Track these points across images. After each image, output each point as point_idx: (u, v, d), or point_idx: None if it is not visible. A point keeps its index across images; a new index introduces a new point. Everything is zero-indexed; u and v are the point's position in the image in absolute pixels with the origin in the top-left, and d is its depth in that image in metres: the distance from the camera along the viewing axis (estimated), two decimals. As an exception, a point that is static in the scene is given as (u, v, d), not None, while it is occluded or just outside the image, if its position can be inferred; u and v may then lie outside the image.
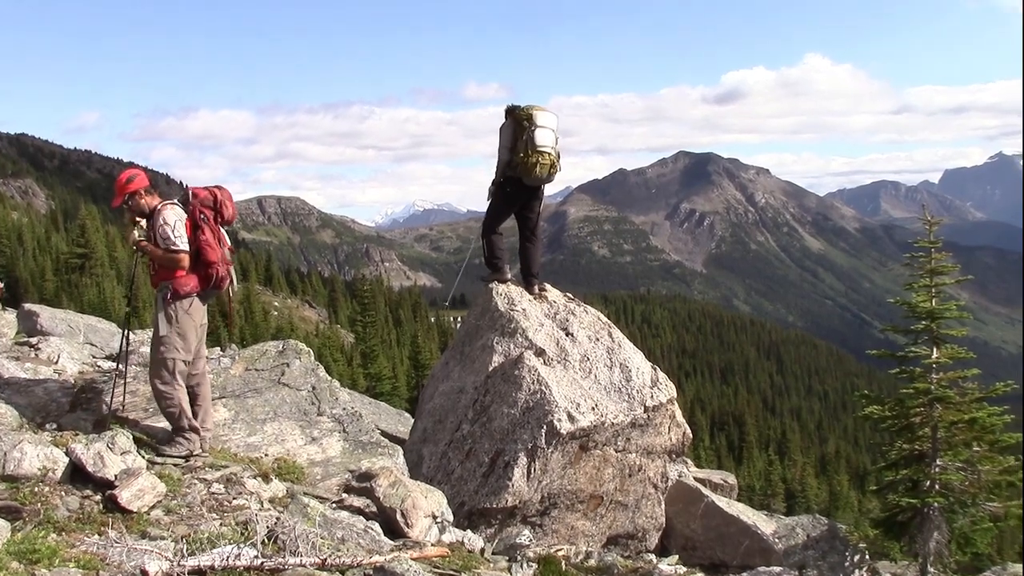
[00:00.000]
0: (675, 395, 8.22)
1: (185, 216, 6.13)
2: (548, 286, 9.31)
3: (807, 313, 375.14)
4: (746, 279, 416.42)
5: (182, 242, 6.03)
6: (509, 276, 8.97)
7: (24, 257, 62.63)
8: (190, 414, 6.04)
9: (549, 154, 8.43)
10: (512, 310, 8.52)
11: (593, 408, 7.58)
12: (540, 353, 8.04)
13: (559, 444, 7.35)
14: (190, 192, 6.28)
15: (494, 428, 7.55)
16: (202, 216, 6.17)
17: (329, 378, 7.39)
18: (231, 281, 6.44)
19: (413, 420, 9.62)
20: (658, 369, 8.40)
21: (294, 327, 62.84)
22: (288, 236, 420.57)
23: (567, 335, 8.44)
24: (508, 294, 8.80)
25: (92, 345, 10.47)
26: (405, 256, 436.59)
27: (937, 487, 9.30)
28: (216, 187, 6.43)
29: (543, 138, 8.41)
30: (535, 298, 8.97)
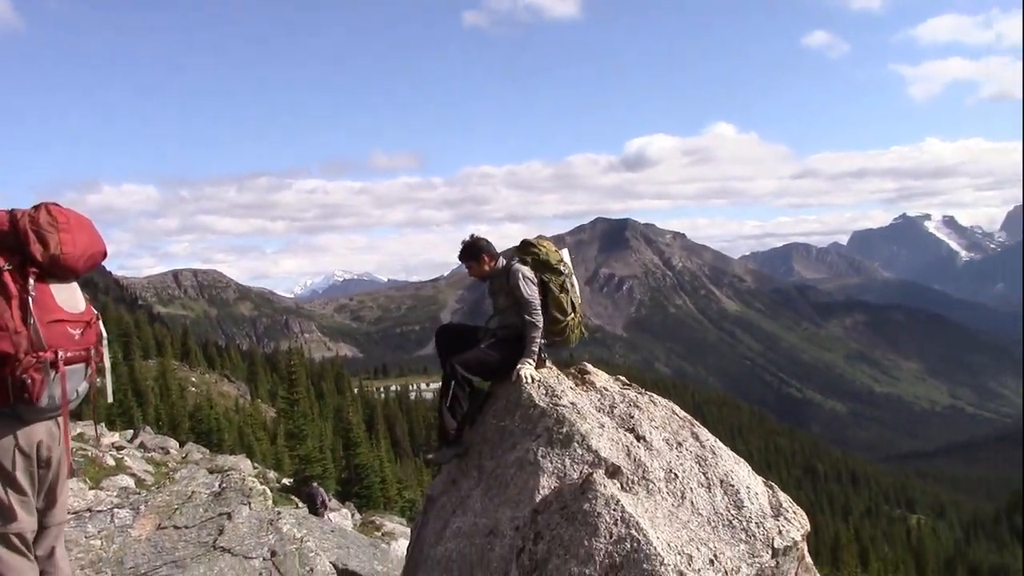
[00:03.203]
0: (808, 527, 5.58)
1: None
2: (587, 364, 6.73)
3: (726, 374, 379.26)
4: (666, 342, 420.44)
5: None
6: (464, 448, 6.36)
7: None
8: None
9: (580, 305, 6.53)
10: (557, 405, 5.85)
11: (712, 560, 4.88)
12: (614, 472, 5.35)
13: (668, 624, 4.64)
14: None
15: (559, 599, 4.79)
16: None
17: (298, 536, 4.55)
18: (93, 384, 3.84)
19: (404, 564, 6.73)
20: (776, 488, 5.77)
21: (213, 403, 58.94)
22: (205, 309, 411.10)
23: (638, 440, 5.78)
24: (545, 381, 6.15)
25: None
26: (325, 327, 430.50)
27: None
28: (39, 207, 3.76)
29: (577, 286, 6.53)
30: (577, 385, 6.35)
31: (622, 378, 6.74)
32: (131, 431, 33.30)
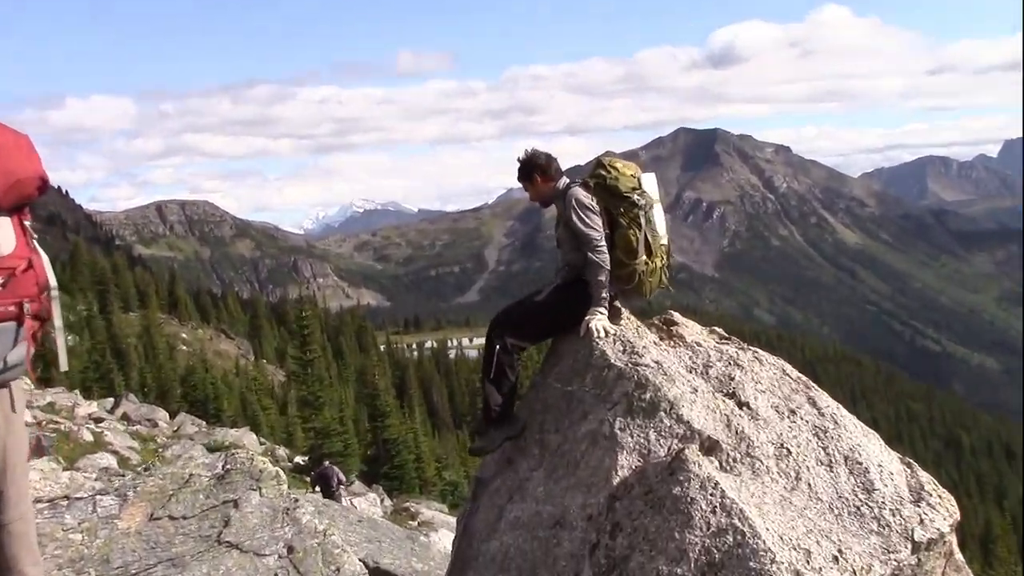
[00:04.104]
0: (958, 516, 5.54)
1: None
2: (674, 313, 6.72)
3: (845, 322, 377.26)
4: (768, 283, 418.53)
5: None
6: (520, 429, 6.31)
7: None
8: None
9: (665, 246, 6.35)
10: (638, 364, 5.84)
11: (836, 557, 4.87)
12: (711, 447, 5.35)
13: (781, 635, 4.66)
14: None
15: (644, 606, 4.84)
16: None
17: (320, 528, 4.63)
18: (31, 348, 3.73)
19: (450, 561, 6.85)
20: (915, 466, 5.73)
21: (208, 365, 60.18)
22: (196, 249, 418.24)
23: (741, 407, 5.77)
24: (622, 335, 6.14)
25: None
26: (343, 269, 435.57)
27: None
28: None
29: (662, 222, 6.32)
30: (662, 339, 6.35)
31: (718, 330, 6.72)
32: (111, 400, 34.17)
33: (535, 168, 6.35)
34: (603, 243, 6.06)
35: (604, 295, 6.13)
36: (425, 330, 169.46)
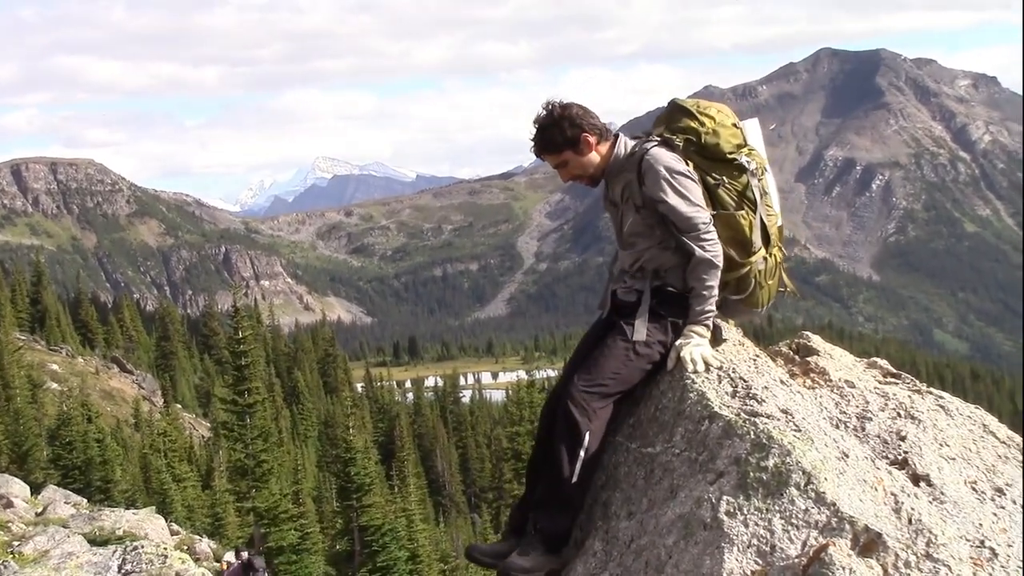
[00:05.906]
0: None
1: None
2: (812, 336, 6.82)
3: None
4: (959, 291, 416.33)
5: None
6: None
7: None
8: None
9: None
10: (755, 415, 5.84)
11: None
12: (869, 544, 5.33)
13: None
14: None
15: None
16: None
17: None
18: None
19: None
20: None
21: (93, 412, 60.62)
22: (75, 234, 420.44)
23: (916, 483, 5.77)
24: (732, 370, 6.21)
25: None
26: (301, 266, 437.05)
27: None
28: None
29: (775, 193, 6.38)
30: (793, 376, 6.37)
31: (881, 362, 6.75)
32: (-63, 466, 34.51)
33: (578, 125, 6.10)
34: (712, 228, 5.97)
35: (710, 308, 6.10)
36: (426, 361, 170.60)
